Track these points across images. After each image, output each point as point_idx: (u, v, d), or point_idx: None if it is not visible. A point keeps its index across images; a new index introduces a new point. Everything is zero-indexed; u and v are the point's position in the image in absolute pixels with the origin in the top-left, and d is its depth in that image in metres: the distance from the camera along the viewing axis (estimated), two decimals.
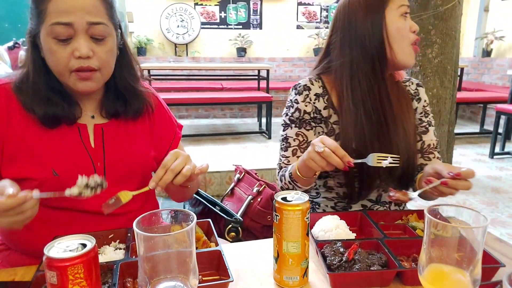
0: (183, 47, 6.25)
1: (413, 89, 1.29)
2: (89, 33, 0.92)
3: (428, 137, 1.26)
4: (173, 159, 0.89)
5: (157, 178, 0.87)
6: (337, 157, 0.94)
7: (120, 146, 1.05)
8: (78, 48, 0.90)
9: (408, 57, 1.14)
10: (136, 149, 1.07)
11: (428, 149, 1.25)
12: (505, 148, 4.46)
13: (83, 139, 1.01)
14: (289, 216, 0.75)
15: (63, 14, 0.89)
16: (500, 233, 2.67)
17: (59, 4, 0.89)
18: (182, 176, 0.88)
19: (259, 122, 5.46)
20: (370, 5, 1.12)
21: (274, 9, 6.46)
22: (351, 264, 0.81)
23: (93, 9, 0.91)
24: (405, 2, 1.13)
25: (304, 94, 1.20)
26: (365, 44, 1.12)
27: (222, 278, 0.78)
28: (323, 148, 0.94)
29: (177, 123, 1.21)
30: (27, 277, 0.81)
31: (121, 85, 1.05)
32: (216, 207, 1.58)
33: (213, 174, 3.39)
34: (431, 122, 1.28)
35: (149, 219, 0.65)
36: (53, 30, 0.89)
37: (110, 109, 1.04)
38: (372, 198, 1.25)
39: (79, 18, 0.89)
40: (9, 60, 3.92)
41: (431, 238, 0.60)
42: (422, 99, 1.28)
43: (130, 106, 1.05)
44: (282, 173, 1.21)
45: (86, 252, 0.59)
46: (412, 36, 1.13)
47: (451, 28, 3.00)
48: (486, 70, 6.21)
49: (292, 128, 1.22)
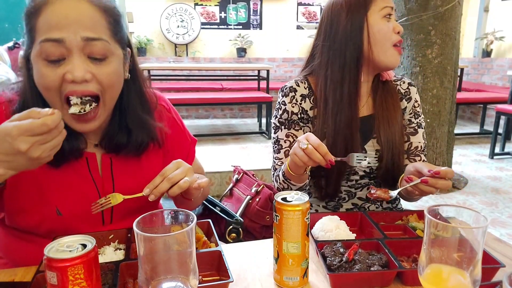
0: (183, 47, 6.26)
1: (404, 88, 1.28)
2: (86, 52, 0.78)
3: (416, 138, 1.26)
4: (173, 169, 0.85)
5: (152, 185, 0.83)
6: (319, 155, 0.96)
7: (130, 176, 0.96)
8: (71, 70, 0.76)
9: (390, 58, 1.15)
10: (149, 179, 0.88)
11: (415, 151, 1.25)
12: (505, 149, 4.46)
13: (91, 169, 0.92)
14: (289, 217, 0.75)
15: (54, 29, 0.75)
16: (500, 233, 2.67)
17: (48, 17, 0.76)
18: (178, 187, 0.83)
19: (259, 122, 5.46)
20: (352, 7, 1.13)
21: (274, 9, 6.46)
22: (351, 264, 0.81)
23: (90, 22, 0.78)
24: (388, 4, 1.14)
25: (291, 95, 1.22)
26: (342, 45, 1.15)
27: (222, 278, 0.78)
28: (306, 144, 0.96)
29: (191, 138, 1.12)
30: (27, 278, 0.81)
31: (129, 115, 0.92)
32: (216, 208, 1.57)
33: (213, 174, 3.39)
34: (421, 124, 1.27)
35: (149, 220, 0.65)
36: (42, 48, 0.76)
37: (111, 141, 0.92)
38: (362, 196, 1.27)
39: (72, 34, 0.75)
40: (9, 60, 3.92)
41: (431, 238, 0.60)
42: (413, 99, 1.28)
43: (134, 140, 0.93)
44: (276, 173, 1.22)
45: (86, 252, 0.59)
46: (394, 37, 1.14)
47: (451, 29, 3.00)
48: (486, 71, 6.22)
49: (282, 130, 1.24)
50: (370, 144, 1.23)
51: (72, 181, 0.90)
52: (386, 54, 1.14)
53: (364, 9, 1.13)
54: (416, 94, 1.28)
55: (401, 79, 1.30)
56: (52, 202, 0.88)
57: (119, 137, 0.92)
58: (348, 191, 1.26)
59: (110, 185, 0.94)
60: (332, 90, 1.17)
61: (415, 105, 1.28)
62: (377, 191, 1.04)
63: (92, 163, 0.92)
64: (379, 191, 1.04)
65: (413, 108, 1.27)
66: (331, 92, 1.17)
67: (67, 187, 0.89)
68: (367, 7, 1.13)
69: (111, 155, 0.94)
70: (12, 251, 0.97)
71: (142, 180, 0.90)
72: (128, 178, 0.95)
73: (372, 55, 1.14)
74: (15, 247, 0.96)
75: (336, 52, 1.16)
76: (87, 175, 0.92)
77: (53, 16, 0.76)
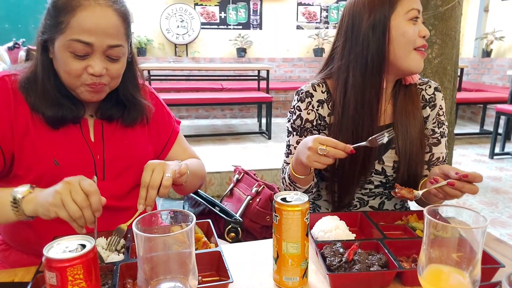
0: (183, 48, 6.25)
1: (429, 93, 1.20)
2: (106, 53, 0.93)
3: (438, 149, 1.19)
4: (149, 174, 0.89)
5: (142, 200, 0.89)
6: (341, 151, 0.94)
7: (119, 141, 1.07)
8: (93, 66, 0.91)
9: (412, 63, 1.07)
10: (135, 144, 1.09)
11: (437, 162, 1.19)
12: (505, 149, 4.46)
13: (84, 133, 1.03)
14: (288, 217, 0.75)
15: (85, 33, 0.88)
16: (499, 233, 2.67)
17: (82, 21, 0.88)
18: (164, 188, 0.89)
19: (259, 122, 5.46)
20: (376, 8, 1.06)
21: (274, 9, 6.46)
22: (351, 264, 0.81)
23: (114, 31, 0.92)
24: (415, 6, 1.07)
25: (307, 101, 1.17)
26: (364, 48, 1.08)
27: (222, 279, 0.78)
28: (325, 148, 0.94)
29: (175, 118, 1.23)
30: (27, 278, 0.81)
31: (123, 94, 1.06)
32: (215, 208, 1.57)
33: (213, 174, 3.39)
34: (444, 133, 1.20)
35: (148, 220, 0.65)
36: (71, 45, 0.89)
37: (105, 113, 1.05)
38: (374, 205, 1.25)
39: (100, 41, 0.90)
40: (9, 61, 3.92)
41: (431, 238, 0.60)
42: (437, 106, 1.19)
43: (127, 114, 1.07)
44: (283, 175, 1.21)
45: (86, 252, 0.59)
46: (419, 41, 1.07)
47: (451, 29, 3.00)
48: (486, 71, 6.21)
49: (293, 136, 1.21)
50: (388, 154, 1.17)
51: (67, 140, 1.00)
52: (408, 58, 1.07)
53: (389, 10, 1.05)
54: (442, 101, 1.20)
55: (427, 83, 1.21)
56: (49, 155, 0.97)
57: (114, 111, 1.05)
58: (360, 199, 1.23)
59: (100, 148, 1.04)
60: (353, 96, 1.10)
61: (439, 113, 1.20)
62: (401, 190, 1.01)
63: (85, 128, 1.04)
64: (404, 190, 1.02)
65: (437, 117, 1.19)
66: (351, 99, 1.10)
67: (63, 145, 0.99)
68: (392, 8, 1.05)
69: (103, 122, 1.06)
70: (15, 233, 1.03)
71: (128, 147, 1.07)
72: (116, 143, 1.06)
73: (395, 60, 1.08)
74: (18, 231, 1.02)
75: (357, 56, 1.09)
76: (81, 137, 1.02)
77: (86, 22, 0.88)
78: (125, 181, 1.06)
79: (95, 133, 1.04)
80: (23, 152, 0.96)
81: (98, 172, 1.03)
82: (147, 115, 1.11)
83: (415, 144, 1.14)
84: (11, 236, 1.06)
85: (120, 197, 1.06)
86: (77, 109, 0.99)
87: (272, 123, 4.82)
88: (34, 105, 0.95)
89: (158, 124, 1.16)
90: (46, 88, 0.95)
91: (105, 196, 0.99)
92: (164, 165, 0.92)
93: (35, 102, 0.95)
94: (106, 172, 1.04)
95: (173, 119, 1.22)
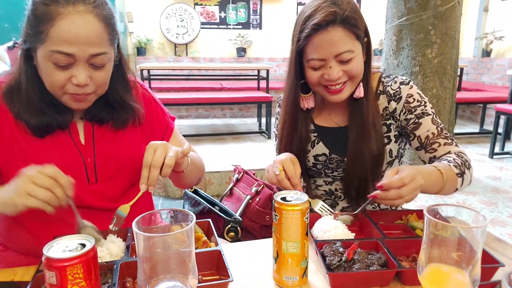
0: (182, 47, 6.25)
1: (394, 88, 1.19)
2: (90, 62, 0.89)
3: (421, 130, 1.16)
4: (151, 154, 0.88)
5: (144, 179, 0.88)
6: (289, 184, 1.00)
7: (110, 142, 1.05)
8: (77, 76, 0.88)
9: (326, 96, 1.14)
10: (127, 145, 1.07)
11: (428, 142, 1.15)
12: (505, 148, 4.46)
13: (73, 137, 1.01)
14: (288, 216, 0.75)
15: (65, 44, 0.85)
16: (499, 233, 2.67)
17: (62, 32, 0.84)
18: (167, 167, 0.88)
19: (259, 122, 5.46)
20: (294, 39, 1.13)
21: (274, 9, 6.46)
22: (350, 264, 0.81)
23: (97, 39, 0.88)
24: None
25: None
26: None
27: (222, 278, 0.78)
28: (279, 172, 1.01)
29: (169, 114, 1.21)
30: (27, 277, 0.81)
31: (112, 97, 1.03)
32: (215, 207, 1.58)
33: (212, 174, 3.39)
34: (421, 114, 1.16)
35: (148, 219, 0.65)
36: (52, 56, 0.86)
37: (95, 116, 1.02)
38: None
39: (82, 51, 0.86)
40: (9, 60, 3.92)
41: (431, 238, 0.60)
42: (403, 98, 1.17)
43: (117, 116, 1.04)
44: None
45: (85, 252, 0.59)
46: (322, 82, 1.11)
47: (450, 28, 3.00)
48: (486, 70, 6.21)
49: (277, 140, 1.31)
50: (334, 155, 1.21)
51: (56, 147, 0.98)
52: (319, 93, 1.17)
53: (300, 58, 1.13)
54: (409, 90, 1.17)
55: (393, 79, 1.21)
56: (39, 162, 0.93)
57: (104, 114, 1.02)
58: None
59: (91, 150, 1.02)
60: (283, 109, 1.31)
61: (407, 101, 1.17)
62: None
63: (74, 131, 1.01)
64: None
65: (405, 105, 1.17)
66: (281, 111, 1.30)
67: (52, 151, 0.97)
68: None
69: (94, 124, 1.04)
70: (13, 235, 1.02)
71: (119, 148, 1.04)
72: (107, 145, 1.04)
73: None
74: (16, 234, 1.01)
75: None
76: (70, 141, 1.00)
77: (65, 32, 0.84)
78: (118, 182, 1.05)
79: (85, 136, 1.02)
80: (12, 162, 0.94)
81: (90, 174, 1.02)
82: (139, 117, 1.09)
83: (367, 160, 1.15)
84: (8, 238, 1.05)
85: (114, 199, 1.04)
86: (63, 115, 0.96)
87: (272, 122, 4.82)
88: (18, 114, 0.93)
89: (151, 122, 1.14)
90: (30, 97, 0.93)
91: (99, 198, 1.00)
92: (166, 145, 0.92)
93: (19, 112, 0.93)
94: (98, 174, 1.02)
95: (167, 115, 1.20)
